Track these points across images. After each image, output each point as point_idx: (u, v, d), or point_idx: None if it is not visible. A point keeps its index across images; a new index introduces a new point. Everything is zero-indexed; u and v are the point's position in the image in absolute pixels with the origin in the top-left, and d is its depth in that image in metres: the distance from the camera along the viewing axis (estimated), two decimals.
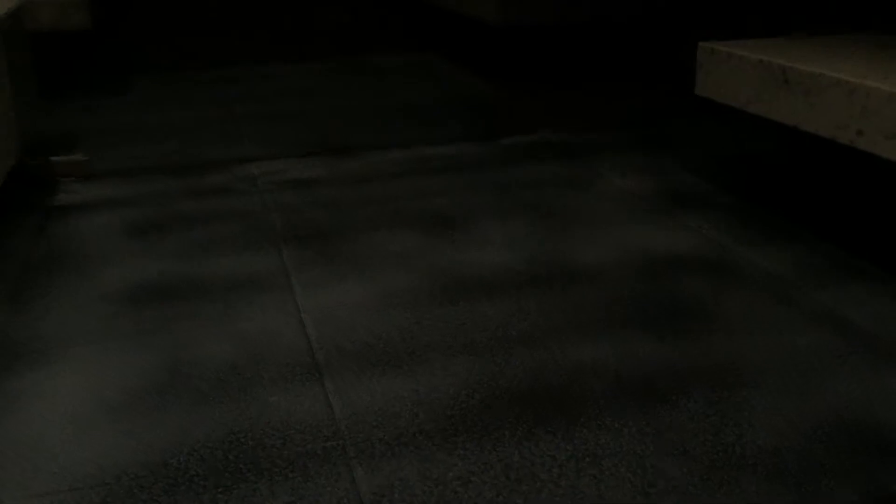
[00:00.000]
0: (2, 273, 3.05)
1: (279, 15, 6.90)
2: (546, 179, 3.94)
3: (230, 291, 2.85)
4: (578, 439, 2.02)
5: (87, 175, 4.05)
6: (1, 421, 2.15)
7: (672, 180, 3.88)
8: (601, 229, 3.32)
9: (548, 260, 3.04)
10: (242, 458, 1.98)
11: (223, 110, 5.38)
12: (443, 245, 3.20)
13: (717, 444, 1.99)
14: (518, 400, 2.19)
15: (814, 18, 4.00)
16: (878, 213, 3.44)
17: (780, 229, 3.28)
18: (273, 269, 3.02)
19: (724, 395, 2.18)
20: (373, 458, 1.97)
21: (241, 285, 2.90)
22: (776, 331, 2.50)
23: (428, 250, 3.16)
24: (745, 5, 4.67)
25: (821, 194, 3.71)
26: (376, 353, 2.44)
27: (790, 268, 2.93)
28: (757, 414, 2.10)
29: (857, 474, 1.87)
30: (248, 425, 2.11)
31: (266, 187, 3.93)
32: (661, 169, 4.05)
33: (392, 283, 2.88)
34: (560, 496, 1.83)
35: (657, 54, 5.70)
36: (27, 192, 3.87)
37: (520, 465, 1.93)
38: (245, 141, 4.71)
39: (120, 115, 5.32)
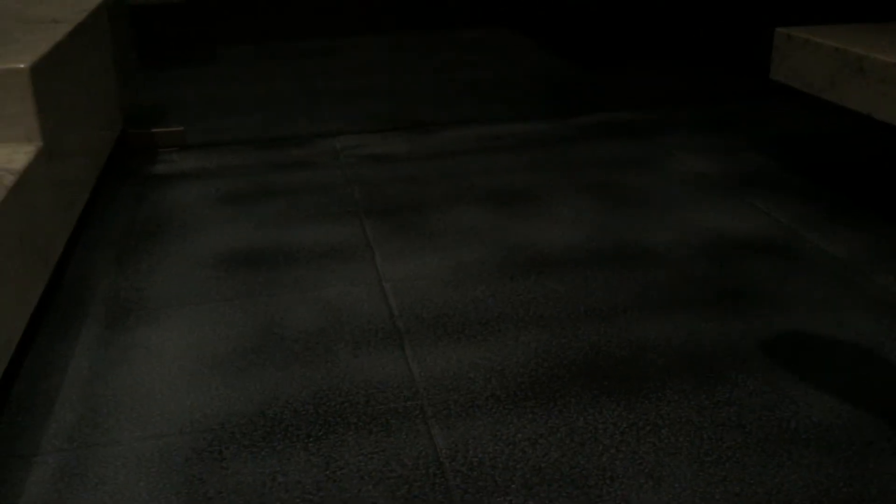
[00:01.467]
0: (108, 237, 3.33)
1: None
2: (616, 158, 4.03)
3: (316, 260, 3.06)
4: (640, 409, 2.17)
5: (183, 146, 4.32)
6: (116, 371, 2.40)
7: (741, 161, 3.94)
8: (669, 209, 3.42)
9: (615, 238, 3.17)
10: (331, 412, 2.19)
11: (303, 84, 5.60)
12: (515, 221, 3.35)
13: (773, 419, 2.11)
14: (584, 370, 2.34)
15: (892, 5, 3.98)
16: None
17: (847, 213, 3.33)
18: (355, 241, 3.22)
19: (782, 374, 2.29)
20: (449, 417, 2.16)
21: (325, 254, 3.11)
22: (837, 314, 2.59)
23: (500, 225, 3.31)
24: None
25: (890, 180, 3.72)
26: (452, 322, 2.62)
27: (856, 252, 2.99)
28: (812, 392, 2.21)
29: None
30: (335, 383, 2.31)
31: (347, 161, 4.12)
32: (731, 149, 4.10)
33: (466, 257, 3.05)
34: (620, 460, 1.98)
35: (730, 36, 5.69)
36: (130, 161, 4.15)
37: (584, 430, 2.09)
38: (325, 115, 4.91)
39: (209, 87, 5.59)
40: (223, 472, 1.98)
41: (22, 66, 2.62)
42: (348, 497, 1.89)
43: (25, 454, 2.06)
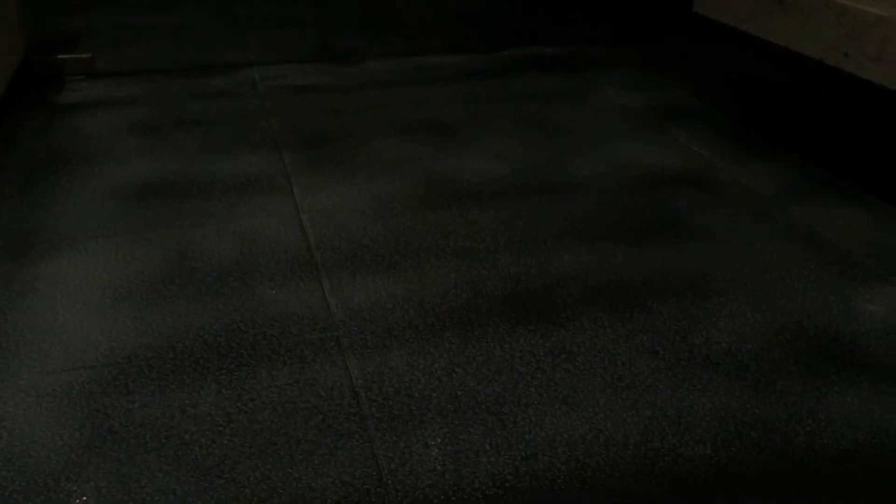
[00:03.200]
0: (12, 167, 3.16)
1: None
2: (544, 92, 4.00)
3: (232, 191, 2.97)
4: (556, 338, 2.17)
5: (91, 74, 4.11)
6: (17, 305, 2.29)
7: (667, 97, 3.95)
8: (594, 143, 3.41)
9: (540, 171, 3.15)
10: (244, 345, 2.13)
11: (226, 13, 5.38)
12: (438, 153, 3.30)
13: (685, 346, 2.14)
14: (502, 301, 2.33)
15: None
16: (861, 135, 3.53)
17: (766, 148, 3.37)
18: (273, 172, 3.13)
19: (696, 302, 2.32)
20: (365, 348, 2.13)
21: (242, 186, 3.01)
22: (751, 244, 2.63)
23: (423, 157, 3.26)
24: None
25: (810, 116, 3.78)
26: (371, 253, 2.57)
27: (772, 185, 3.04)
28: (724, 319, 2.24)
29: (811, 376, 2.03)
30: (248, 316, 2.26)
31: (267, 91, 3.99)
32: (658, 86, 4.11)
33: (388, 189, 2.99)
34: (535, 386, 1.99)
35: None
36: (34, 89, 3.93)
37: (500, 359, 2.09)
38: (247, 45, 4.73)
39: (123, 16, 5.32)
40: (129, 405, 1.91)
41: None
42: (260, 428, 1.85)
43: None
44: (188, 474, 1.72)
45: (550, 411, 1.91)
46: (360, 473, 1.73)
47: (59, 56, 4.10)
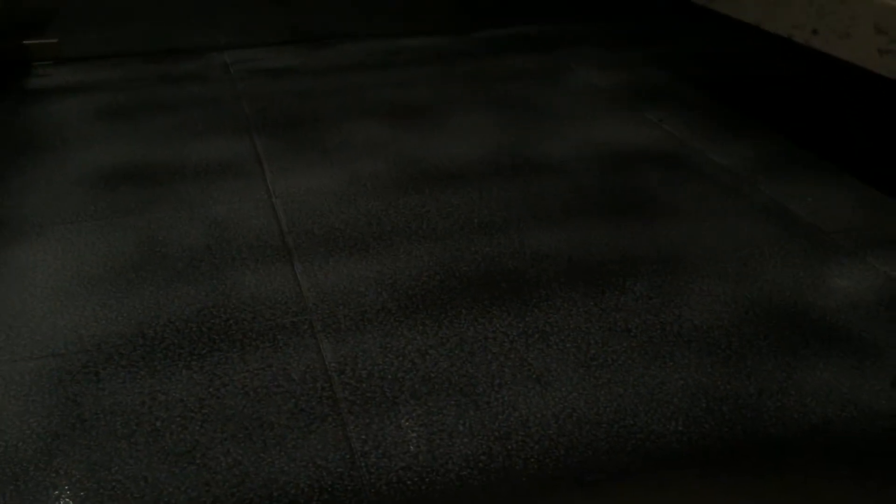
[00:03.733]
0: None
1: None
2: (516, 72, 3.98)
3: (202, 176, 2.94)
4: (529, 318, 2.17)
5: (59, 58, 4.04)
6: None
7: (639, 75, 3.95)
8: (567, 122, 3.40)
9: (513, 151, 3.14)
10: (215, 330, 2.12)
11: None
12: (411, 135, 3.28)
13: (657, 323, 2.15)
14: (476, 282, 2.33)
15: None
16: (835, 113, 3.55)
17: (738, 125, 3.38)
18: (244, 156, 3.10)
19: (668, 279, 2.33)
20: (338, 331, 2.12)
21: (213, 170, 2.98)
22: (722, 221, 2.64)
23: (397, 140, 3.24)
24: None
25: (783, 94, 3.79)
26: (344, 237, 2.56)
27: (744, 162, 3.05)
28: (696, 296, 2.25)
29: (781, 352, 2.04)
30: (220, 301, 2.24)
31: (238, 75, 3.95)
32: (630, 64, 4.10)
33: (361, 171, 2.97)
34: (509, 367, 1.99)
35: None
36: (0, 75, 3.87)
37: (473, 340, 2.09)
38: (218, 28, 4.67)
39: None
40: (99, 392, 1.89)
41: None
42: (232, 413, 1.84)
43: None
44: (160, 461, 1.71)
45: (524, 391, 1.91)
46: (333, 457, 1.73)
47: (26, 42, 4.02)
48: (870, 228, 2.59)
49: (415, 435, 1.78)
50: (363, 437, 1.78)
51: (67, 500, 1.62)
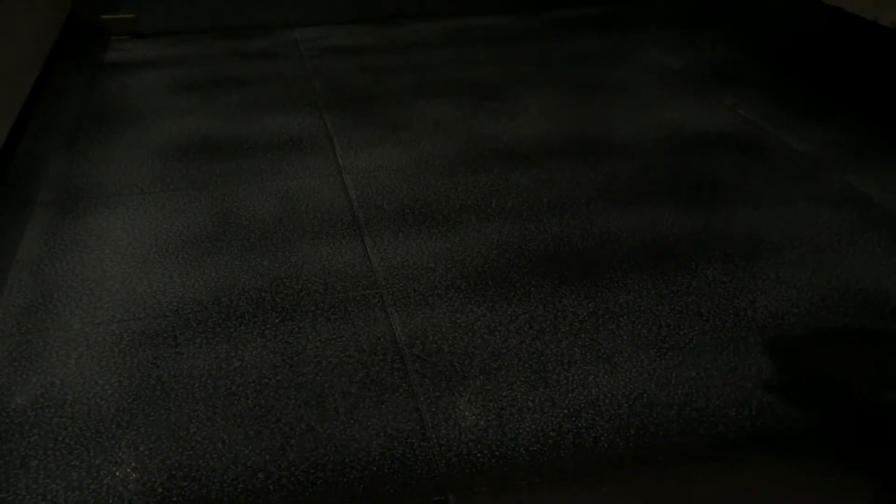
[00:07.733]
0: (58, 123, 3.20)
1: None
2: (587, 52, 3.94)
3: (274, 151, 2.98)
4: (600, 298, 2.16)
5: (135, 33, 4.13)
6: (67, 257, 2.33)
7: (711, 56, 3.87)
8: (637, 104, 3.36)
9: (582, 132, 3.11)
10: (287, 300, 2.15)
11: None
12: (480, 114, 3.28)
13: (730, 308, 2.11)
14: (545, 261, 2.32)
15: None
16: None
17: (814, 108, 3.30)
18: (315, 132, 3.13)
19: (742, 265, 2.29)
20: (408, 305, 2.14)
21: (284, 145, 3.02)
22: (799, 207, 2.58)
23: (465, 119, 3.24)
24: None
25: (861, 76, 3.68)
26: (413, 213, 2.57)
27: (821, 147, 2.97)
28: (770, 283, 2.21)
29: (859, 339, 1.99)
30: (292, 272, 2.27)
31: (308, 52, 3.98)
32: (701, 43, 4.03)
33: (430, 149, 2.98)
34: (578, 346, 1.98)
35: None
36: (79, 47, 3.97)
37: (543, 318, 2.08)
38: (288, 5, 4.72)
39: None
40: (177, 356, 1.95)
41: None
42: (304, 381, 1.87)
43: None
44: (236, 424, 1.75)
45: (594, 370, 1.90)
46: (404, 427, 1.74)
47: (104, 16, 4.12)
48: None
49: (484, 409, 1.79)
50: (433, 409, 1.79)
51: (148, 458, 1.67)
